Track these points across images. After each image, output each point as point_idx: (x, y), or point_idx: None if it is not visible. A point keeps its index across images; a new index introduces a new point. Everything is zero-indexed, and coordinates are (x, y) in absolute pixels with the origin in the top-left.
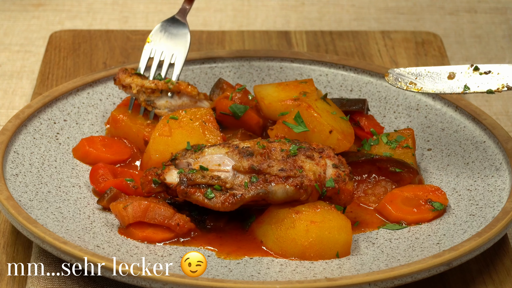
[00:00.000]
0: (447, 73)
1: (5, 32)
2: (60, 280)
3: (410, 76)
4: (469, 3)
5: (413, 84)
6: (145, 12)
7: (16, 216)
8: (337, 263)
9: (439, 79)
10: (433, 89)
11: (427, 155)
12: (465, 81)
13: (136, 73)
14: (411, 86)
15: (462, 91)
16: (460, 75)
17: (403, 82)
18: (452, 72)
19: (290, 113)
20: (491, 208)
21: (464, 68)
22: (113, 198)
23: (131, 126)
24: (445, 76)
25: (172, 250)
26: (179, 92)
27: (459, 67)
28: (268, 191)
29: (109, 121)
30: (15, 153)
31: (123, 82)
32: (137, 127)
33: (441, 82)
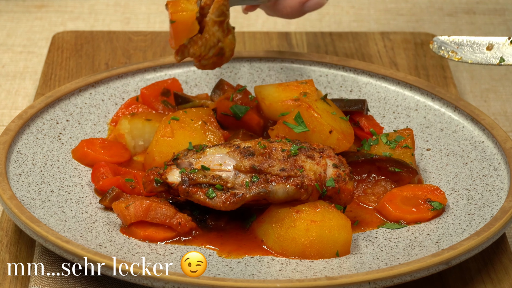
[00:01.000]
0: (486, 44)
1: (8, 33)
2: (62, 279)
3: (453, 45)
4: (467, 5)
5: (454, 53)
6: (146, 13)
7: (19, 215)
8: (337, 262)
9: (479, 49)
10: (472, 59)
11: (426, 155)
12: (502, 53)
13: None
14: (452, 55)
15: (497, 62)
16: (498, 47)
17: (445, 51)
18: (490, 44)
19: (291, 113)
20: (490, 207)
21: (502, 40)
22: (115, 197)
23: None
24: (484, 47)
25: (173, 249)
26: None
27: (498, 39)
28: (269, 191)
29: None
30: (18, 153)
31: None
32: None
33: (480, 53)
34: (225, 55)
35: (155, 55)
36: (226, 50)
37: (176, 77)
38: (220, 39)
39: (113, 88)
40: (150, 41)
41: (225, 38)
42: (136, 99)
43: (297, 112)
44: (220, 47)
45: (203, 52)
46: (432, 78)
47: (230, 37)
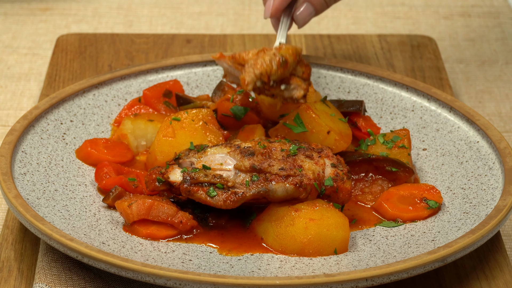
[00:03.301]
0: None
1: (13, 35)
2: (67, 276)
3: None
4: (463, 8)
5: None
6: (149, 16)
7: (24, 213)
8: (335, 259)
9: None
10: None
11: (422, 155)
12: None
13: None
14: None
15: None
16: None
17: None
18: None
19: (290, 115)
20: (485, 206)
21: None
22: (118, 196)
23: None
24: None
25: (175, 247)
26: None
27: None
28: (269, 190)
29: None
30: (23, 152)
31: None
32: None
33: None
34: (288, 61)
35: (157, 57)
36: (287, 57)
37: (177, 79)
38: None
39: (116, 89)
40: (152, 43)
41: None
42: (138, 100)
43: (297, 113)
44: (281, 55)
45: (268, 68)
46: (428, 80)
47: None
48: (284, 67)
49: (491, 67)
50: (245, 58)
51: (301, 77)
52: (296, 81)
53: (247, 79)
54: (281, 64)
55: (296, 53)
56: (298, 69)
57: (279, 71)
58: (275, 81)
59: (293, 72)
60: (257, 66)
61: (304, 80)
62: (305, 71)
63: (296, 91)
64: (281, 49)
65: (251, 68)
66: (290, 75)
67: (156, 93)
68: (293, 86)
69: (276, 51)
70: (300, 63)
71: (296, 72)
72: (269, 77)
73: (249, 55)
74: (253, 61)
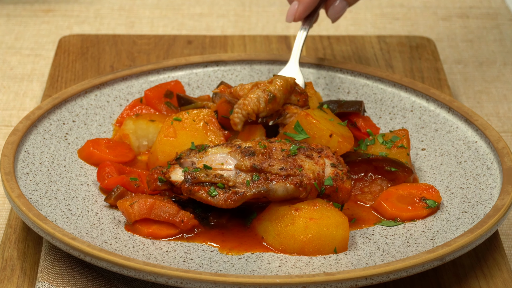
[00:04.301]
0: None
1: (16, 36)
2: (69, 275)
3: None
4: (461, 9)
5: None
6: (150, 17)
7: (27, 213)
8: (335, 258)
9: None
10: None
11: (421, 155)
12: None
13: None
14: None
15: None
16: None
17: None
18: None
19: (290, 123)
20: (483, 205)
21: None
22: (120, 196)
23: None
24: None
25: (176, 246)
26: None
27: None
28: (269, 189)
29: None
30: (26, 152)
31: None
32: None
33: None
34: (277, 97)
35: (159, 58)
36: (275, 93)
37: (178, 79)
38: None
39: (117, 90)
40: (154, 44)
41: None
42: (140, 101)
43: (296, 121)
44: (268, 91)
45: (255, 107)
46: (427, 80)
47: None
48: (273, 103)
49: (489, 68)
50: (240, 94)
51: (297, 105)
52: (291, 110)
53: (236, 121)
54: (269, 101)
55: (287, 86)
56: (292, 98)
57: (268, 108)
58: (265, 117)
59: (288, 102)
60: (245, 107)
61: (301, 107)
62: (300, 99)
63: (293, 118)
64: (272, 83)
65: (238, 109)
66: (285, 104)
67: (157, 93)
68: (289, 114)
69: (266, 88)
70: (295, 93)
71: (291, 101)
72: (258, 115)
73: (244, 90)
74: (242, 100)
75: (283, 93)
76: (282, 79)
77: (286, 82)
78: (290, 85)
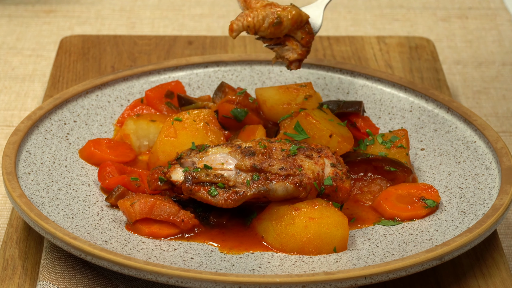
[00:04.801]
0: None
1: (17, 37)
2: (70, 274)
3: None
4: (460, 10)
5: None
6: (151, 18)
7: (28, 212)
8: (334, 257)
9: None
10: None
11: (420, 155)
12: None
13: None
14: None
15: None
16: None
17: None
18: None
19: (290, 123)
20: (482, 205)
21: None
22: (121, 195)
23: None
24: None
25: (177, 245)
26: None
27: None
28: (269, 189)
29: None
30: (27, 152)
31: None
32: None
33: None
34: (283, 23)
35: (159, 58)
36: (283, 19)
37: (179, 80)
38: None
39: (118, 90)
40: (155, 45)
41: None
42: (141, 101)
43: (296, 121)
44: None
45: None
46: (426, 81)
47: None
48: (277, 27)
49: (488, 68)
50: (252, 5)
51: (299, 42)
52: (291, 43)
53: (234, 27)
54: (273, 24)
55: (297, 19)
56: (298, 33)
57: (269, 30)
58: (264, 37)
59: (291, 35)
60: (248, 18)
61: (302, 46)
62: (304, 38)
63: (289, 52)
64: (285, 9)
65: (241, 17)
66: (288, 36)
67: (158, 94)
68: (287, 47)
69: (276, 11)
70: (302, 29)
71: (295, 35)
72: (256, 32)
73: (258, 3)
74: (249, 11)
75: (290, 23)
76: (296, 11)
77: (298, 15)
78: (301, 20)
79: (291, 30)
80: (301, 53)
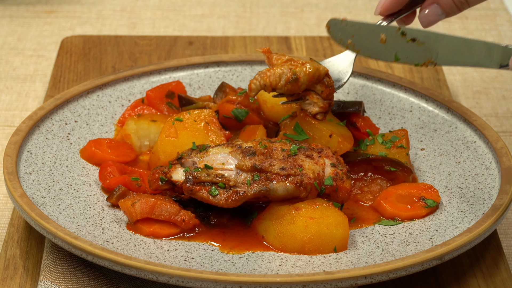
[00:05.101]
0: (379, 36)
1: (19, 37)
2: (71, 274)
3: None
4: None
5: (352, 44)
6: (152, 18)
7: (29, 212)
8: (335, 257)
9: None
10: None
11: (420, 155)
12: (396, 49)
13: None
14: (350, 46)
15: (393, 60)
16: (391, 39)
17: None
18: (383, 36)
19: (289, 124)
20: (481, 205)
21: (393, 31)
22: (122, 195)
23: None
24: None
25: (177, 245)
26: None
27: (389, 28)
28: (270, 189)
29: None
30: (28, 152)
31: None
32: None
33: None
34: (300, 80)
35: (160, 59)
36: (299, 76)
37: (180, 80)
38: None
39: (119, 90)
40: (155, 45)
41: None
42: (141, 101)
43: (296, 122)
44: (293, 72)
45: (273, 81)
46: (426, 81)
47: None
48: (294, 84)
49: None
50: (273, 62)
51: (319, 95)
52: (312, 97)
53: (252, 86)
54: (290, 81)
55: (314, 74)
56: (317, 87)
57: (286, 87)
58: (282, 94)
59: (312, 88)
60: (265, 77)
61: (323, 99)
62: (324, 91)
63: (310, 106)
64: (303, 65)
65: (259, 76)
66: (308, 90)
67: (159, 94)
68: (308, 101)
69: (294, 67)
70: (321, 83)
71: (315, 89)
72: (274, 89)
73: (278, 61)
74: (266, 70)
75: (307, 79)
76: (313, 66)
77: (316, 70)
78: (319, 75)
79: (309, 85)
80: (323, 106)
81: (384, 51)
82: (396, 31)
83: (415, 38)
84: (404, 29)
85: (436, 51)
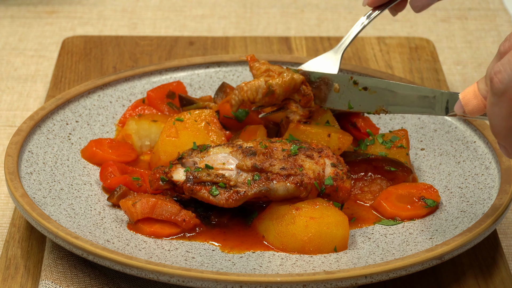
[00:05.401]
0: (333, 85)
1: (20, 38)
2: (72, 273)
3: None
4: (460, 11)
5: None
6: (153, 19)
7: (30, 212)
8: (335, 257)
9: (329, 90)
10: (324, 103)
11: (420, 155)
12: (349, 97)
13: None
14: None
15: (347, 109)
16: (344, 88)
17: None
18: (337, 86)
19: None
20: (481, 205)
21: (345, 80)
22: (123, 195)
23: None
24: (332, 88)
25: (178, 245)
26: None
27: (342, 78)
28: (270, 189)
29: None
30: (29, 152)
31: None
32: None
33: (331, 95)
34: (276, 92)
35: (161, 59)
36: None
37: (180, 80)
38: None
39: (120, 90)
40: (156, 45)
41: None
42: (142, 101)
43: (289, 134)
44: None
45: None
46: (426, 81)
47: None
48: (270, 97)
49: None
50: (253, 72)
51: (297, 104)
52: (291, 106)
53: (232, 102)
54: (266, 94)
55: (290, 84)
56: (295, 96)
57: (264, 100)
58: (262, 106)
59: (291, 97)
60: (242, 93)
61: (303, 108)
62: (302, 100)
63: (292, 114)
64: (279, 75)
65: (237, 92)
66: (287, 99)
67: (159, 94)
68: (289, 110)
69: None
70: (298, 92)
71: (294, 98)
72: (253, 103)
73: (258, 71)
74: (243, 84)
75: (283, 90)
76: (289, 76)
77: (291, 80)
78: (295, 84)
79: (287, 95)
80: (303, 114)
81: (338, 100)
82: (348, 81)
83: (367, 87)
84: (356, 79)
85: (386, 99)
